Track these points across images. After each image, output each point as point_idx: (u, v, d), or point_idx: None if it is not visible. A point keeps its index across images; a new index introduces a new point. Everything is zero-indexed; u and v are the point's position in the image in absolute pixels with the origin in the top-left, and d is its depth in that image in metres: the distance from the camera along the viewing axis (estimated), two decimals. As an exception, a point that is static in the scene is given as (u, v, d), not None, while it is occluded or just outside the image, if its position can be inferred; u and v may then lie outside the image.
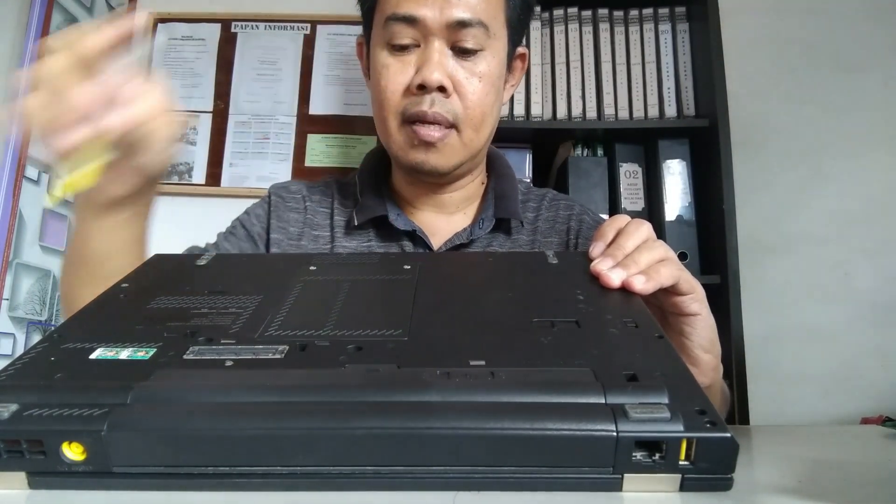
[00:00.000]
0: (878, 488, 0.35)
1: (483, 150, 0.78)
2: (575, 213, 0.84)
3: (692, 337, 0.54)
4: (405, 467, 0.31)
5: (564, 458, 0.31)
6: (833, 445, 0.56)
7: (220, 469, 0.31)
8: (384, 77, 0.71)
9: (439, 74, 0.69)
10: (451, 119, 0.71)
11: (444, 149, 0.72)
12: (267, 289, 0.47)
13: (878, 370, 1.60)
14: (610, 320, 0.42)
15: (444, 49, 0.70)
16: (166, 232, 1.78)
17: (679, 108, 1.52)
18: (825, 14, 1.75)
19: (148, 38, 1.83)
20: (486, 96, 0.72)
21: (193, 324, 0.42)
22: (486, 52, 0.71)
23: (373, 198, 0.80)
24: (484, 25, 0.70)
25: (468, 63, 0.71)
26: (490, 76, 0.72)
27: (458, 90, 0.71)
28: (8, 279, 1.40)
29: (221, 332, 0.41)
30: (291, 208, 0.83)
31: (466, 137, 0.73)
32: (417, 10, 0.68)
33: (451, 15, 0.68)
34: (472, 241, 0.79)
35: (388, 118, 0.72)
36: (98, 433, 0.30)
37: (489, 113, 0.74)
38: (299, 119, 1.79)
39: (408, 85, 0.70)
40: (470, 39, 0.69)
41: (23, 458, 0.31)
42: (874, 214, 1.67)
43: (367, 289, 0.49)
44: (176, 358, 0.37)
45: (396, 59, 0.71)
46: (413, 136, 0.71)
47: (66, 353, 0.38)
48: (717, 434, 0.30)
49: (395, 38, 0.70)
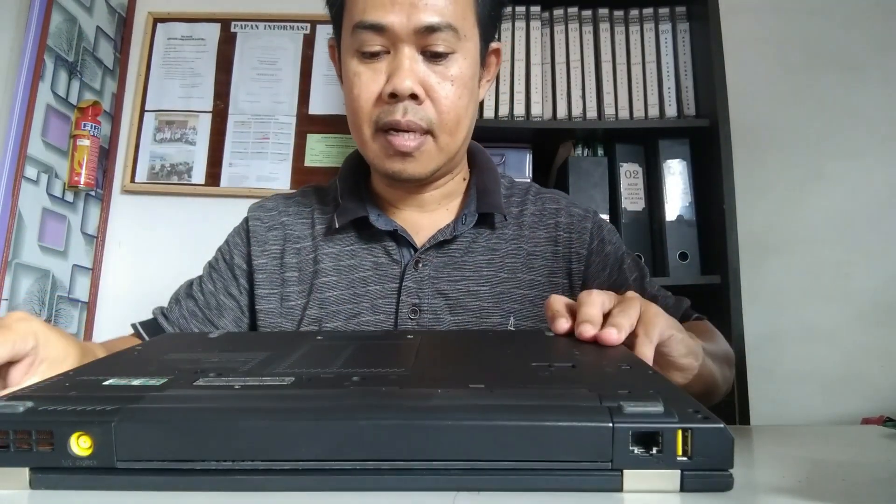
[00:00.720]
0: (878, 488, 0.35)
1: (461, 150, 0.78)
2: (563, 207, 0.84)
3: (673, 353, 0.54)
4: (406, 462, 0.31)
5: (562, 451, 0.31)
6: (833, 445, 0.56)
7: (222, 464, 0.32)
8: (356, 86, 0.71)
9: (410, 82, 0.68)
10: (426, 125, 0.70)
11: (420, 156, 0.72)
12: (275, 348, 0.50)
13: (878, 370, 1.60)
14: (605, 363, 0.44)
15: (415, 55, 0.69)
16: (167, 232, 1.80)
17: (679, 108, 1.52)
18: (825, 14, 1.75)
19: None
20: (459, 99, 0.71)
21: (204, 366, 0.44)
22: (458, 55, 0.71)
23: (353, 200, 0.80)
24: (453, 28, 0.69)
25: (440, 67, 0.70)
26: (462, 78, 0.71)
27: (431, 95, 0.70)
28: (7, 279, 1.40)
29: (231, 370, 0.42)
30: (270, 227, 0.83)
31: (442, 142, 0.73)
32: (384, 18, 0.67)
33: (420, 20, 0.67)
34: (456, 236, 0.79)
35: (363, 127, 0.72)
36: (109, 424, 0.31)
37: (464, 115, 0.73)
38: (299, 119, 1.79)
39: (380, 93, 0.70)
40: (440, 43, 0.69)
41: (29, 453, 0.32)
42: (874, 214, 1.67)
43: (372, 345, 0.52)
44: (186, 384, 0.38)
45: (367, 66, 0.70)
46: (388, 146, 0.71)
47: (80, 381, 0.40)
48: (710, 425, 0.31)
49: (364, 46, 0.69)
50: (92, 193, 1.67)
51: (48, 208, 1.53)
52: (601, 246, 0.82)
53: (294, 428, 0.31)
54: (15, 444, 0.32)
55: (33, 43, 1.48)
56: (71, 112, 1.60)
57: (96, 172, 1.64)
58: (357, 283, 0.78)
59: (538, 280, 0.79)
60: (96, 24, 1.70)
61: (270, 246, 0.82)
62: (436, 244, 0.78)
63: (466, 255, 0.79)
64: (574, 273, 0.80)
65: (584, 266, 0.81)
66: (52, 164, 1.54)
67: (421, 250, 0.78)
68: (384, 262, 0.78)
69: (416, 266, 0.77)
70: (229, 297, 0.82)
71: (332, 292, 0.78)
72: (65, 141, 1.58)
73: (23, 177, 1.44)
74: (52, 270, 1.54)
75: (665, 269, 1.44)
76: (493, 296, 0.77)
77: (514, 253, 0.80)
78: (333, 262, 0.79)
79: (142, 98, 1.81)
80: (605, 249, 0.82)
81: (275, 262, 0.81)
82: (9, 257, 1.40)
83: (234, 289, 0.82)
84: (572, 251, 0.81)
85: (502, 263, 0.79)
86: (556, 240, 0.81)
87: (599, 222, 0.85)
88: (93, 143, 1.60)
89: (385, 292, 0.77)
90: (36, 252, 1.49)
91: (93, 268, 1.70)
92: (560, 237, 0.81)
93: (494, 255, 0.79)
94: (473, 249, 0.79)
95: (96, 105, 1.64)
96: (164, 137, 1.79)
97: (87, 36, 1.66)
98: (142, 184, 1.77)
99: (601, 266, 0.81)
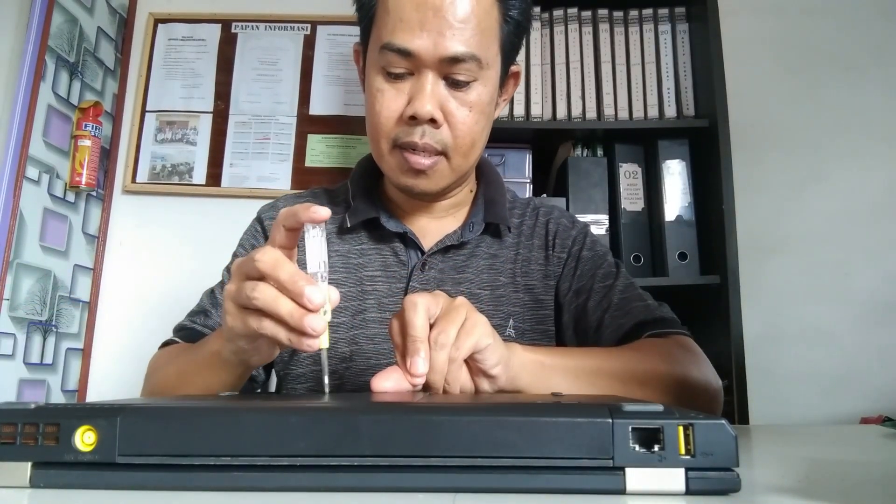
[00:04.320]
0: (878, 488, 0.35)
1: (472, 168, 0.81)
2: (554, 217, 0.88)
3: (485, 363, 0.53)
4: (405, 459, 0.31)
5: (562, 448, 0.31)
6: (833, 445, 0.56)
7: (221, 460, 0.32)
8: (378, 102, 0.73)
9: (431, 107, 0.70)
10: (441, 148, 0.73)
11: (433, 175, 0.75)
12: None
13: (878, 370, 1.60)
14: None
15: (437, 80, 0.71)
16: (168, 232, 1.79)
17: (679, 108, 1.52)
18: (825, 14, 1.76)
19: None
20: (476, 125, 0.74)
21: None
22: (478, 83, 0.73)
23: (365, 201, 0.83)
24: (477, 59, 0.70)
25: (460, 93, 0.72)
26: (480, 104, 0.73)
27: (449, 120, 0.72)
28: (8, 279, 1.40)
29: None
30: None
31: (455, 163, 0.75)
32: (412, 43, 0.69)
33: (446, 50, 0.69)
34: (463, 243, 0.82)
35: (381, 141, 0.75)
36: (114, 419, 0.32)
37: (478, 139, 0.76)
38: (299, 119, 1.79)
39: (401, 113, 0.72)
40: (463, 73, 0.71)
41: (33, 448, 0.33)
42: (874, 214, 1.67)
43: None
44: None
45: (391, 85, 0.72)
46: (404, 162, 0.74)
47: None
48: (711, 421, 0.31)
49: (389, 66, 0.71)
50: (93, 194, 1.67)
51: (49, 208, 1.53)
52: (579, 251, 0.85)
53: (294, 423, 0.32)
54: (21, 438, 0.33)
55: (34, 43, 1.48)
56: (72, 112, 1.60)
57: (97, 173, 1.64)
58: (365, 281, 0.80)
59: (533, 284, 0.83)
60: (97, 25, 1.70)
61: None
62: (441, 249, 0.81)
63: (470, 259, 0.83)
64: (554, 276, 0.84)
65: (561, 269, 0.84)
66: (53, 165, 1.54)
67: (428, 253, 0.81)
68: (392, 263, 0.81)
69: (422, 268, 0.81)
70: None
71: (340, 289, 0.79)
72: (66, 141, 1.58)
73: (24, 177, 1.44)
74: (53, 270, 1.54)
75: (664, 270, 1.44)
76: (493, 299, 0.81)
77: (512, 259, 0.84)
78: (343, 260, 0.82)
79: (143, 98, 1.81)
80: (583, 254, 0.84)
81: None
82: (10, 257, 1.40)
83: None
84: (555, 255, 0.84)
85: (502, 269, 0.83)
86: (548, 245, 0.85)
87: (586, 231, 0.88)
88: (94, 144, 1.60)
89: (392, 292, 0.80)
90: (37, 252, 1.49)
91: (94, 268, 1.70)
92: (549, 243, 0.85)
93: (495, 261, 0.83)
94: (476, 255, 0.83)
95: (97, 105, 1.64)
96: (165, 138, 1.79)
97: (88, 36, 1.66)
98: (143, 184, 1.77)
99: (573, 269, 0.83)
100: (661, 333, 0.75)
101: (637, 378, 0.64)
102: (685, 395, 0.66)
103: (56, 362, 1.56)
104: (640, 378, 0.64)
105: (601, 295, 0.80)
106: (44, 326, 1.52)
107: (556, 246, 0.84)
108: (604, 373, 0.63)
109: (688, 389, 0.67)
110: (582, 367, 0.62)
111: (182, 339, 0.79)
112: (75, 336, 1.62)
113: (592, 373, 0.62)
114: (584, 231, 0.87)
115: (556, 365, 0.60)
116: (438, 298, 0.53)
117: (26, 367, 1.46)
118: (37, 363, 1.49)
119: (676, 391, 0.66)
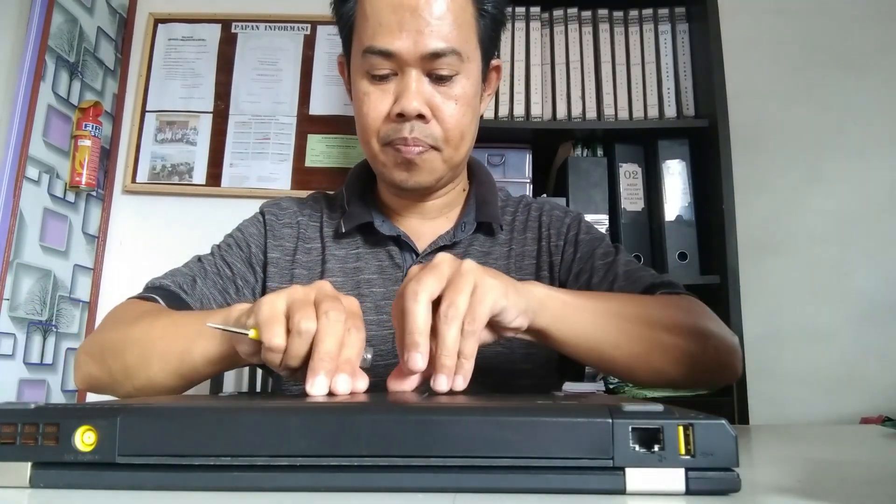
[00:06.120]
0: (878, 488, 0.35)
1: (463, 162, 0.82)
2: (546, 210, 0.89)
3: (505, 321, 0.53)
4: (405, 459, 0.31)
5: (562, 448, 0.31)
6: (833, 445, 0.56)
7: (221, 460, 0.32)
8: (365, 104, 0.75)
9: (417, 103, 0.72)
10: (431, 142, 0.75)
11: (425, 166, 0.76)
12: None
13: (878, 370, 1.60)
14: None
15: (421, 77, 0.73)
16: (167, 232, 1.79)
17: (679, 108, 1.52)
18: (825, 14, 1.76)
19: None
20: (463, 117, 0.75)
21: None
22: (461, 76, 0.74)
23: (359, 206, 0.84)
24: (457, 53, 0.72)
25: (444, 88, 0.74)
26: (465, 97, 0.75)
27: (437, 115, 0.74)
28: (8, 279, 1.40)
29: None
30: (286, 224, 0.87)
31: (446, 155, 0.77)
32: (392, 44, 0.71)
33: (426, 47, 0.71)
34: (456, 242, 0.83)
35: (371, 141, 0.76)
36: (114, 419, 0.32)
37: (467, 131, 0.77)
38: (299, 119, 1.79)
39: (388, 112, 0.74)
40: (445, 67, 0.73)
41: (33, 448, 0.33)
42: (874, 214, 1.67)
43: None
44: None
45: (376, 87, 0.74)
46: (396, 155, 0.75)
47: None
48: (711, 421, 0.31)
49: (373, 69, 0.73)
50: (93, 194, 1.68)
51: (49, 208, 1.53)
52: (576, 236, 0.85)
53: (293, 423, 0.32)
54: (21, 438, 0.33)
55: (34, 43, 1.48)
56: (72, 112, 1.60)
57: (97, 173, 1.64)
58: (362, 284, 0.81)
59: (526, 277, 0.83)
60: (97, 25, 1.70)
61: (285, 242, 0.85)
62: (435, 250, 0.82)
63: (463, 258, 0.82)
64: (554, 265, 0.84)
65: (560, 257, 0.84)
66: (53, 165, 1.54)
67: (422, 255, 0.82)
68: (387, 266, 0.82)
69: None
70: (246, 284, 0.83)
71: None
72: (66, 141, 1.58)
73: (24, 177, 1.44)
74: (53, 270, 1.54)
75: (664, 270, 1.44)
76: None
77: (506, 255, 0.85)
78: (340, 265, 0.83)
79: (143, 98, 1.81)
80: (580, 238, 0.85)
81: (287, 259, 0.84)
82: (10, 257, 1.40)
83: (251, 276, 0.84)
84: (552, 245, 0.85)
85: (496, 265, 0.83)
86: (540, 237, 0.86)
87: (580, 218, 0.88)
88: (94, 144, 1.60)
89: (388, 294, 0.80)
90: (37, 252, 1.49)
91: (94, 268, 1.70)
92: (543, 234, 0.86)
93: (488, 258, 0.84)
94: (470, 254, 0.84)
95: (97, 105, 1.64)
96: (165, 138, 1.79)
97: (88, 36, 1.66)
98: (143, 184, 1.77)
99: (572, 253, 0.84)
100: (672, 294, 0.76)
101: (663, 324, 0.65)
102: (710, 345, 0.67)
103: (56, 362, 1.56)
104: (667, 324, 0.65)
105: (604, 270, 0.80)
106: (44, 326, 1.52)
107: (551, 236, 0.85)
108: (630, 316, 0.63)
109: (712, 339, 0.68)
110: (606, 308, 0.62)
111: (161, 299, 0.77)
112: (75, 336, 1.62)
113: (617, 315, 0.63)
114: (578, 218, 0.88)
115: (578, 304, 0.60)
116: (442, 269, 0.52)
117: (26, 367, 1.46)
118: (37, 363, 1.49)
119: (701, 340, 0.67)
